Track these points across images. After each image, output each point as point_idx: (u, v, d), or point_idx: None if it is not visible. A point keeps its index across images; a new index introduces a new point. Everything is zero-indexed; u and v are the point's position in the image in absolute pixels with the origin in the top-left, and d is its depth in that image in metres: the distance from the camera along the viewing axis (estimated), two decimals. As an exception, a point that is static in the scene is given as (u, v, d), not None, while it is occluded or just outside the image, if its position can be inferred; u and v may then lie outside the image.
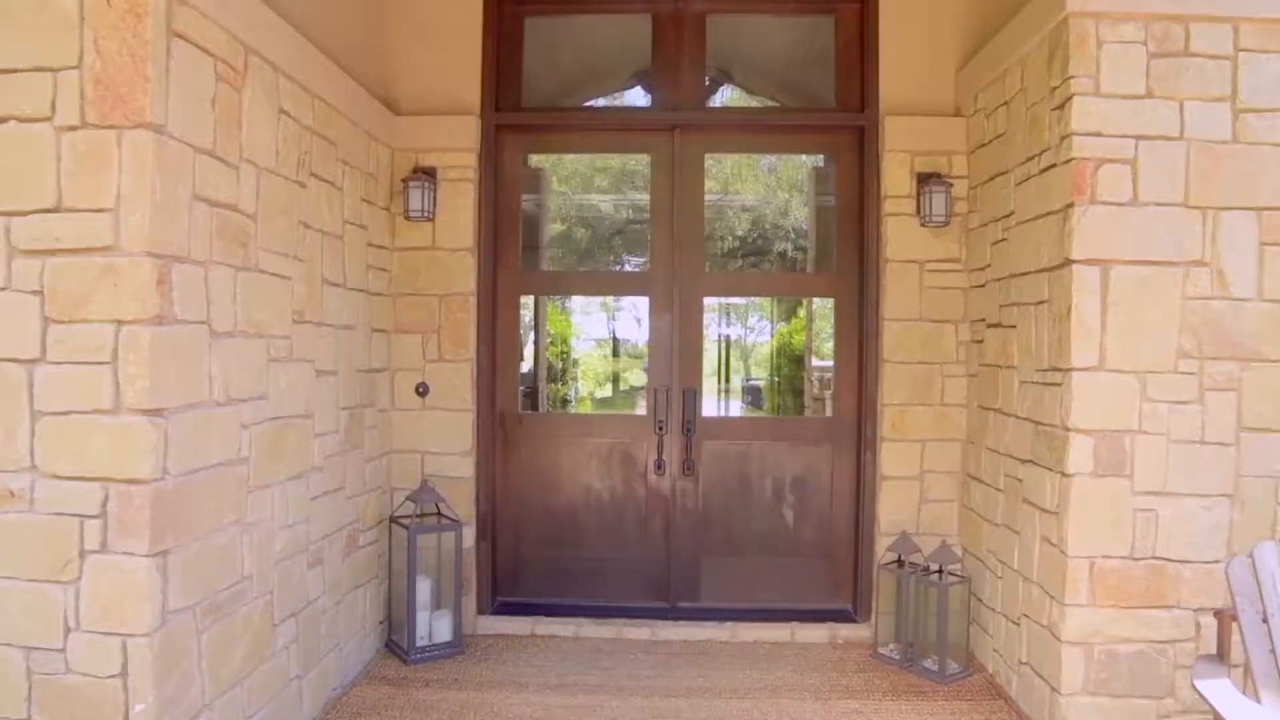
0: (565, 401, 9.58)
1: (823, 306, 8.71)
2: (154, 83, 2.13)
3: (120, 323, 2.11)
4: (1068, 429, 2.87)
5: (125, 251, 2.11)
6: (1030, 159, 3.19)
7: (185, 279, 2.28)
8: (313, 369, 3.09)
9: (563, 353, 9.44)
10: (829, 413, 7.01)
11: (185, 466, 2.28)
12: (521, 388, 7.90)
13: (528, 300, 8.84)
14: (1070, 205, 2.87)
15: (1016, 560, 3.27)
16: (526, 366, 8.57)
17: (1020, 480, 3.25)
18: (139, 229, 2.12)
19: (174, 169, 2.23)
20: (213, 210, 2.42)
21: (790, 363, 9.04)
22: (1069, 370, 2.88)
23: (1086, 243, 2.85)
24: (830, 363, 7.92)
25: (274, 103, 2.78)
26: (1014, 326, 3.34)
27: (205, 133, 2.38)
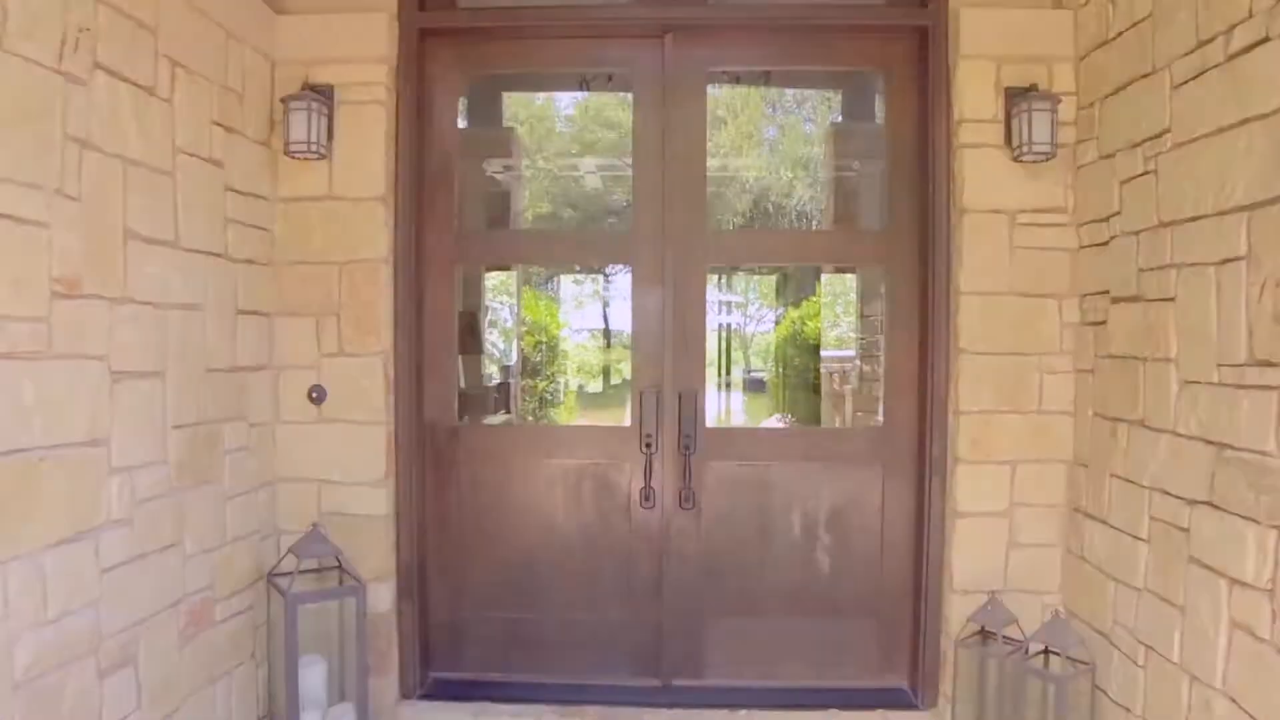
0: (545, 400, 8.46)
1: (832, 288, 7.65)
2: None
3: None
4: (1296, 459, 1.79)
5: None
6: (1207, 42, 2.09)
7: None
8: (103, 369, 2.00)
9: (541, 343, 8.31)
10: (849, 413, 5.87)
11: None
12: (494, 384, 6.82)
13: (511, 288, 7.68)
14: (1301, 100, 1.78)
15: (1178, 649, 2.19)
16: (509, 360, 7.49)
17: (1185, 530, 2.17)
18: None
19: None
20: None
21: (803, 353, 7.96)
22: (1298, 366, 1.79)
23: (1332, 159, 1.76)
24: (849, 352, 6.81)
25: (-5, -72, 1.68)
26: (1170, 299, 2.25)
27: None
